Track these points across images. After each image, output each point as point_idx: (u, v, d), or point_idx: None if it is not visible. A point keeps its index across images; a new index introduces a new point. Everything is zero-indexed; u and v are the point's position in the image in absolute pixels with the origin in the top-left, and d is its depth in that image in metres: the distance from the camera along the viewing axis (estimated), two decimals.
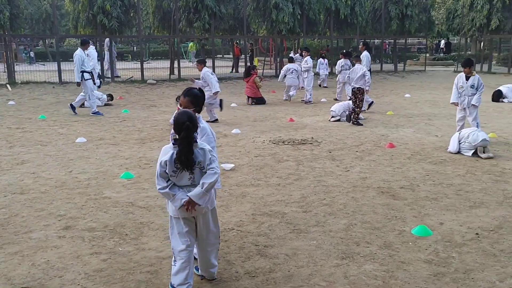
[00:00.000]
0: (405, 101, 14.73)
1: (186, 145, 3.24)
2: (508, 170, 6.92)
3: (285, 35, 22.14)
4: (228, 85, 19.38)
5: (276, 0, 20.50)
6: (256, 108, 13.39)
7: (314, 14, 22.34)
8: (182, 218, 3.45)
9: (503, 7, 23.05)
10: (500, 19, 23.20)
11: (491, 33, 24.41)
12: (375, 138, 9.18)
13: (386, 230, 4.77)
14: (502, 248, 4.32)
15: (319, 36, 25.76)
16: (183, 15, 20.27)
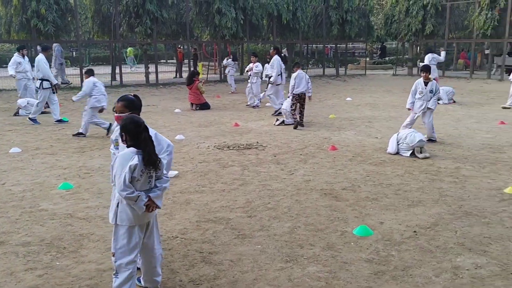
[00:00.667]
0: (346, 104, 15.11)
1: (151, 144, 3.29)
2: (443, 169, 7.24)
3: (229, 40, 22.18)
4: (171, 90, 19.16)
5: (219, 5, 20.51)
6: (201, 113, 13.30)
7: (257, 19, 22.52)
8: (138, 226, 3.37)
9: (436, 13, 24.19)
10: (433, 24, 24.31)
11: (426, 38, 25.53)
12: (319, 141, 9.34)
13: (329, 232, 4.86)
14: (438, 244, 4.50)
15: (262, 41, 26.00)
16: (124, 20, 19.83)
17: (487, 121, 11.63)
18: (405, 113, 13.09)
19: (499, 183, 6.44)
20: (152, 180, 3.37)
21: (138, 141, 3.27)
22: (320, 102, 15.70)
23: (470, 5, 23.74)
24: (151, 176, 3.34)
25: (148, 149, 3.25)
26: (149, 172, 3.29)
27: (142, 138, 3.26)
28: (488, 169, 7.20)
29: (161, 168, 3.40)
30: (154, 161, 3.28)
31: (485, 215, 5.26)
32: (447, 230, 4.83)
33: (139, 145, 3.27)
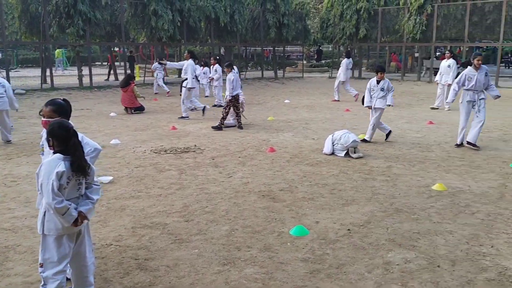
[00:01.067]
0: (285, 107, 15.32)
1: (80, 149, 3.17)
2: (376, 168, 7.49)
3: (166, 42, 21.88)
4: (107, 93, 18.62)
5: (155, 7, 20.19)
6: (137, 117, 13.01)
7: (194, 22, 22.39)
8: (67, 235, 3.22)
9: (368, 17, 25.12)
10: (367, 28, 25.24)
11: (360, 41, 26.42)
12: (257, 143, 9.40)
13: (266, 233, 4.89)
14: (370, 241, 4.65)
15: (200, 43, 25.88)
16: (54, 20, 19.04)
17: (417, 121, 12.19)
18: (340, 114, 13.51)
19: (428, 181, 6.75)
20: (82, 187, 3.25)
21: (66, 146, 3.13)
22: (259, 104, 15.83)
23: (400, 10, 24.82)
24: (81, 183, 3.22)
25: (77, 155, 3.13)
26: (78, 179, 3.17)
27: (71, 143, 3.13)
28: (417, 167, 7.53)
29: (91, 175, 3.28)
30: (84, 167, 3.16)
31: (414, 211, 5.49)
32: (379, 227, 5.00)
33: (67, 150, 3.13)
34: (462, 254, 4.32)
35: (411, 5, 23.23)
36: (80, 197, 3.25)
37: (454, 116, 12.42)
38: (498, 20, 21.22)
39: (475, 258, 4.23)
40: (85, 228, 3.41)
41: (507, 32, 22.99)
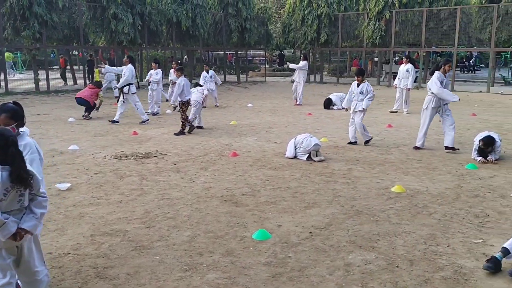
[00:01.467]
0: (247, 111, 15.35)
1: (20, 160, 2.99)
2: (337, 171, 7.60)
3: (126, 46, 21.55)
4: (65, 98, 18.13)
5: (115, 10, 19.85)
6: (97, 122, 12.73)
7: (155, 26, 22.16)
8: (4, 248, 3.09)
9: (329, 23, 25.51)
10: (328, 33, 25.61)
11: (321, 46, 26.78)
12: (220, 148, 9.37)
13: (228, 238, 4.87)
14: (331, 243, 4.70)
15: (162, 47, 25.63)
16: (8, 23, 18.43)
17: (377, 124, 12.44)
18: (302, 118, 13.64)
19: (387, 183, 6.89)
20: (24, 199, 3.06)
21: (5, 156, 2.95)
22: (222, 108, 15.80)
23: (360, 16, 25.33)
24: (22, 195, 3.03)
25: (16, 165, 2.95)
26: (19, 190, 3.00)
27: (9, 153, 2.94)
28: (377, 169, 7.68)
29: (35, 186, 3.08)
30: (24, 178, 2.97)
31: (374, 213, 5.59)
32: (340, 229, 5.07)
33: (5, 160, 2.95)
34: (420, 254, 4.43)
35: (370, 11, 23.74)
36: (23, 209, 3.08)
37: (412, 119, 12.78)
38: (453, 26, 21.95)
39: (432, 258, 4.35)
40: (30, 241, 3.24)
41: (461, 38, 23.83)
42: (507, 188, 6.59)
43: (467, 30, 24.94)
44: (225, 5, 24.95)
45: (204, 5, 23.70)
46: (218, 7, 25.27)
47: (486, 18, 22.54)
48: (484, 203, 5.97)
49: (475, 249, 4.52)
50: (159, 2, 22.19)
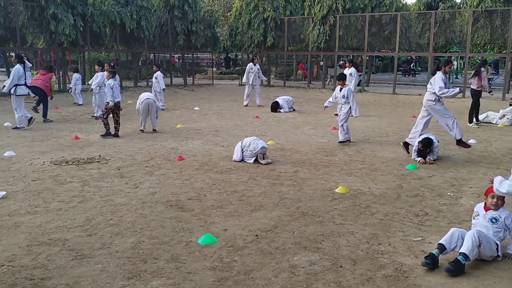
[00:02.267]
0: (194, 114, 15.22)
1: None
2: (283, 173, 7.66)
3: (67, 48, 20.86)
4: (0, 102, 17.28)
5: (54, 11, 19.17)
6: (35, 126, 12.19)
7: (98, 27, 21.60)
8: None
9: (276, 26, 25.79)
10: (274, 37, 25.88)
11: (268, 50, 27.02)
12: (165, 152, 9.22)
13: (173, 243, 4.78)
14: (277, 245, 4.72)
15: (106, 49, 24.99)
16: None
17: (322, 127, 12.67)
18: (250, 121, 13.68)
19: (331, 184, 7.02)
20: None
21: None
22: (168, 112, 15.58)
23: (305, 20, 25.78)
24: None
25: None
26: None
27: None
28: (322, 171, 7.81)
29: None
30: None
31: (319, 214, 5.67)
32: (285, 231, 5.10)
33: None
34: (362, 253, 4.52)
35: (315, 15, 24.21)
36: None
37: (356, 121, 13.09)
38: (394, 32, 22.77)
39: (374, 257, 4.46)
40: None
41: (402, 43, 24.75)
42: (445, 187, 6.87)
43: (408, 35, 25.95)
44: (171, 8, 24.69)
45: (149, 7, 23.34)
46: (163, 9, 24.98)
47: (425, 24, 23.55)
48: (423, 202, 6.19)
49: (414, 247, 4.68)
50: (102, 3, 21.62)
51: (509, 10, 19.93)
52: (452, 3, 24.25)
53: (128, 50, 25.05)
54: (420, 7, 24.67)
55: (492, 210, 4.47)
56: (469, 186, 6.93)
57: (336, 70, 25.56)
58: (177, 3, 24.51)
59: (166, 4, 24.76)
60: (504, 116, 13.26)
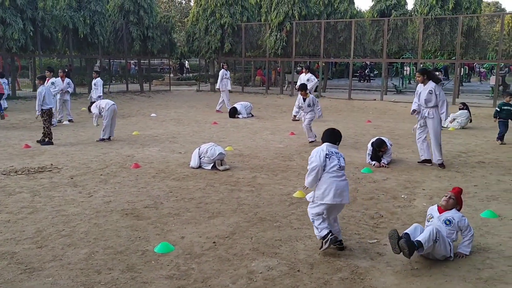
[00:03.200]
0: (151, 121, 14.99)
1: None
2: (241, 179, 7.64)
3: (17, 53, 20.14)
4: None
5: (2, 15, 18.46)
6: None
7: (50, 32, 20.98)
8: None
9: (233, 32, 25.80)
10: (231, 43, 25.88)
11: (225, 56, 26.98)
12: (121, 160, 9.02)
13: (129, 253, 4.67)
14: (235, 252, 4.69)
15: (58, 55, 24.30)
16: None
17: (280, 132, 12.75)
18: (207, 127, 13.60)
19: (289, 189, 7.05)
20: None
21: None
22: (124, 118, 15.28)
23: (262, 26, 25.94)
24: None
25: None
26: None
27: None
28: (280, 176, 7.85)
29: None
30: None
31: (277, 219, 5.68)
32: (243, 237, 5.08)
33: None
34: (319, 257, 4.56)
35: (272, 21, 24.40)
36: None
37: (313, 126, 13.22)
38: (349, 38, 23.24)
39: (331, 260, 4.50)
40: None
41: (357, 49, 25.30)
42: (399, 190, 7.04)
43: (362, 42, 26.58)
44: (126, 13, 24.28)
45: (103, 12, 22.83)
46: (118, 14, 24.51)
47: (379, 30, 24.20)
48: (378, 204, 6.32)
49: (370, 249, 4.76)
50: (53, 8, 21.01)
51: (457, 18, 20.74)
52: (404, 11, 25.01)
53: (81, 55, 24.45)
54: (373, 14, 25.31)
55: (445, 210, 4.61)
56: (422, 188, 7.13)
57: (293, 76, 25.87)
58: (133, 9, 24.13)
59: (121, 9, 24.32)
60: (454, 120, 13.74)
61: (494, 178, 7.76)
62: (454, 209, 4.62)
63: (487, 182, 7.50)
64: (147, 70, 30.06)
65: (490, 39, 38.38)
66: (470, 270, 4.27)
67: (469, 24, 21.62)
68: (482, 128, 13.70)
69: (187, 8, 48.66)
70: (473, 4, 22.44)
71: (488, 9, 64.00)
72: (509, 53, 36.61)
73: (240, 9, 25.73)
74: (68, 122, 14.18)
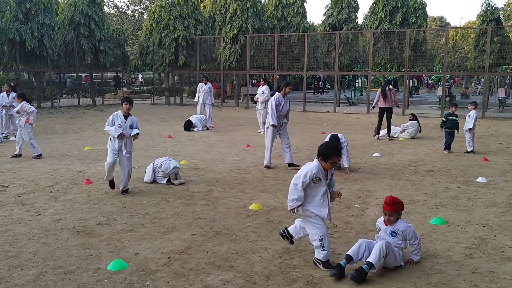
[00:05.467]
0: (104, 135, 14.63)
1: None
2: (197, 193, 7.58)
3: None
4: None
5: None
6: None
7: None
8: None
9: (187, 46, 25.76)
10: (186, 56, 25.82)
11: (179, 69, 26.87)
12: (72, 176, 8.76)
13: (80, 272, 4.52)
14: (190, 267, 4.63)
15: (4, 68, 23.46)
16: None
17: (236, 145, 12.75)
18: (162, 141, 13.44)
19: (245, 201, 7.05)
20: None
21: None
22: (75, 133, 14.89)
23: (216, 39, 26.03)
24: None
25: None
26: None
27: None
28: (236, 189, 7.83)
29: None
30: None
31: (233, 232, 5.66)
32: (199, 252, 5.02)
33: None
34: (275, 269, 4.57)
35: (226, 35, 24.55)
36: None
37: None
38: (302, 51, 23.67)
39: (286, 271, 4.51)
40: None
41: (310, 62, 25.80)
42: (352, 199, 7.18)
43: (315, 55, 27.15)
44: (76, 25, 23.81)
45: (52, 24, 22.29)
46: (68, 27, 23.98)
47: (331, 44, 24.78)
48: (332, 214, 6.39)
49: None
50: None
51: (405, 32, 21.54)
52: (355, 25, 25.77)
53: (29, 69, 23.72)
54: (325, 28, 25.92)
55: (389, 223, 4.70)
56: (374, 197, 7.30)
57: (249, 89, 26.05)
58: (83, 21, 23.69)
59: (71, 22, 23.82)
60: (405, 130, 14.19)
61: (442, 186, 8.06)
62: (399, 220, 4.69)
63: (435, 190, 7.78)
64: (100, 84, 29.47)
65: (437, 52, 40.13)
66: (420, 276, 4.39)
67: (416, 37, 22.50)
68: (431, 137, 14.22)
69: (140, 21, 48.23)
70: (419, 19, 23.39)
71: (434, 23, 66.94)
72: (454, 65, 38.39)
73: (194, 22, 25.77)
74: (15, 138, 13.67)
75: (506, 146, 12.71)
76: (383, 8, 22.49)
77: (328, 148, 4.55)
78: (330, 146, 4.62)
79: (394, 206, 4.61)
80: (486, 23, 22.92)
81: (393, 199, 4.65)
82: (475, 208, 6.74)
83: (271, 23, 26.49)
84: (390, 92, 13.93)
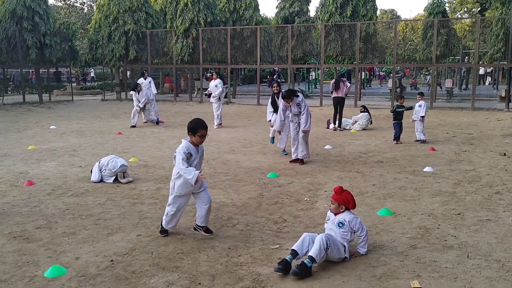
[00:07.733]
0: (50, 133, 14.09)
1: None
2: (145, 191, 7.36)
3: None
4: None
5: None
6: None
7: None
8: None
9: (138, 39, 25.13)
10: (136, 50, 25.20)
11: (131, 63, 26.23)
12: (12, 177, 8.33)
13: (14, 280, 4.26)
14: (134, 269, 4.46)
15: None
16: None
17: None
18: (112, 138, 13.04)
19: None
20: None
21: None
22: (18, 132, 14.23)
23: (168, 33, 25.54)
24: None
25: None
26: None
27: None
28: None
29: None
30: None
31: (179, 231, 5.52)
32: (144, 253, 4.85)
33: None
34: (221, 268, 4.47)
35: (177, 28, 24.13)
36: None
37: (222, 133, 13.22)
38: (255, 45, 23.57)
39: (233, 269, 4.42)
40: None
41: (265, 55, 25.76)
42: (302, 193, 7.17)
43: (269, 48, 27.11)
44: (19, 19, 22.71)
45: None
46: (10, 20, 22.82)
47: (284, 37, 24.79)
48: (282, 209, 6.37)
49: (272, 255, 4.75)
50: None
51: (355, 24, 21.83)
52: (307, 18, 25.88)
53: None
54: (278, 21, 25.92)
55: (338, 214, 4.71)
56: (324, 190, 7.32)
57: (202, 83, 25.75)
58: (26, 14, 22.62)
59: (13, 15, 22.69)
60: (356, 122, 14.40)
61: (390, 177, 8.19)
62: (347, 211, 4.72)
63: (384, 181, 7.89)
64: (47, 80, 28.37)
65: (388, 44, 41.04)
66: (365, 268, 4.40)
67: (366, 30, 22.84)
68: (382, 128, 14.49)
69: (89, 15, 46.81)
70: (370, 11, 23.74)
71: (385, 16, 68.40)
72: (404, 57, 39.36)
73: (144, 15, 25.18)
74: None
75: (452, 135, 13.11)
76: (334, 1, 22.67)
77: (195, 123, 5.02)
78: (196, 121, 5.04)
79: (339, 196, 4.70)
80: (433, 15, 23.53)
81: (341, 188, 4.79)
82: (421, 198, 6.87)
83: (223, 16, 26.23)
84: (344, 84, 14.26)
